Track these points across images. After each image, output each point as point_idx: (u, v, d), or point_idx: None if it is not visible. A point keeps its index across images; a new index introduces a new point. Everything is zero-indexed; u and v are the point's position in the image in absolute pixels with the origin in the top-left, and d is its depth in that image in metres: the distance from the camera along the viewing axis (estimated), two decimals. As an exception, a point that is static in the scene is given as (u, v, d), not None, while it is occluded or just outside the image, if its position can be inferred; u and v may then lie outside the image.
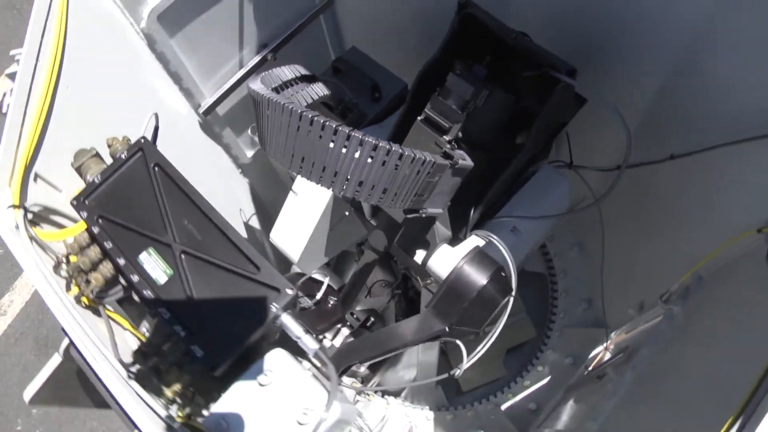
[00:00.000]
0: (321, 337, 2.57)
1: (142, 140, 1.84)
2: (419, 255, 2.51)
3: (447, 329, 2.19)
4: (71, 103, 2.09)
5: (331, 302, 2.70)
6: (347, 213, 2.74)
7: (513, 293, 2.16)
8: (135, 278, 1.69)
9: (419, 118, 2.03)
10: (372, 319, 3.05)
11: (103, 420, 4.20)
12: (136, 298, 1.75)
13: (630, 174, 2.64)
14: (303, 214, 2.58)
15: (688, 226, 2.48)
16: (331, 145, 1.39)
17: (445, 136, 1.98)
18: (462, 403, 3.45)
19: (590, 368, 2.89)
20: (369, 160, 1.40)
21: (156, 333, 1.68)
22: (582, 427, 2.42)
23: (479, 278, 2.13)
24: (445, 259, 2.33)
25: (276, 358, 1.65)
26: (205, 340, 1.61)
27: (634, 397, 2.32)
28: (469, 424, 3.36)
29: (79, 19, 2.07)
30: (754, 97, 2.06)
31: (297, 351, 1.73)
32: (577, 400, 2.96)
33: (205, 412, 1.77)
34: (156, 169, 1.82)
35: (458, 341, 2.42)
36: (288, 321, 1.65)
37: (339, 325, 2.82)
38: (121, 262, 1.71)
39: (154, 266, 1.71)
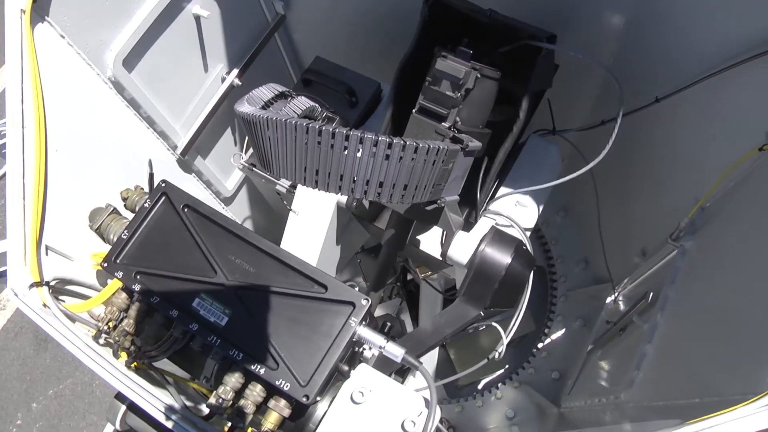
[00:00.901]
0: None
1: (163, 184, 1.75)
2: (427, 247, 2.51)
3: (482, 313, 2.19)
4: (62, 166, 2.00)
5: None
6: (350, 222, 2.72)
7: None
8: (194, 327, 1.60)
9: (414, 110, 2.02)
10: (389, 324, 3.00)
11: (102, 414, 4.21)
12: (195, 347, 1.65)
13: (612, 127, 2.73)
14: (308, 232, 2.52)
15: (683, 165, 2.57)
16: (345, 151, 1.37)
17: (443, 123, 1.98)
18: (487, 387, 3.46)
19: (612, 322, 2.94)
20: (385, 159, 1.38)
21: (226, 376, 1.59)
22: (626, 379, 2.46)
23: (504, 257, 2.14)
24: (465, 246, 2.33)
25: (363, 374, 1.60)
26: (288, 372, 1.53)
27: (672, 338, 2.38)
28: (499, 407, 3.38)
29: (51, 79, 1.98)
30: (717, 29, 2.15)
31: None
32: (603, 357, 3.01)
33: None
34: (186, 210, 1.73)
35: (495, 323, 2.44)
36: (365, 333, 1.60)
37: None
38: (174, 314, 1.61)
39: (211, 310, 1.62)
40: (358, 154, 1.39)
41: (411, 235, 2.43)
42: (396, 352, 1.60)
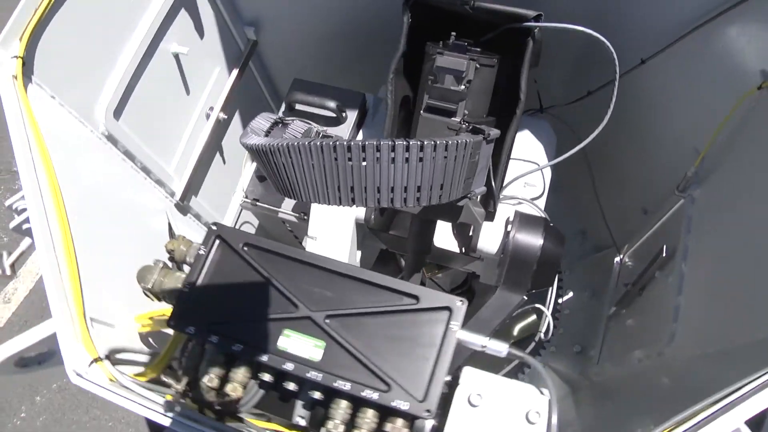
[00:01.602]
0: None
1: (215, 227, 1.65)
2: (444, 244, 2.50)
3: (525, 297, 2.21)
4: (82, 232, 1.86)
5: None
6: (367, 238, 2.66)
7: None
8: (289, 367, 1.51)
9: (422, 110, 2.01)
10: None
11: (105, 408, 4.17)
12: (290, 387, 1.56)
13: (598, 97, 2.79)
14: (330, 256, 2.45)
15: (676, 120, 2.64)
16: (378, 162, 1.34)
17: (454, 118, 1.99)
18: (513, 373, 3.45)
19: (630, 284, 2.98)
20: (419, 162, 1.36)
21: (331, 410, 1.51)
22: (664, 334, 2.49)
23: (536, 239, 2.17)
24: (492, 236, 2.34)
25: (472, 376, 1.57)
26: (402, 391, 1.47)
27: (705, 284, 2.42)
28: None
29: (53, 143, 1.85)
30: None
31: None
32: (627, 320, 3.05)
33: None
34: (246, 248, 1.64)
35: (539, 306, 2.45)
36: (466, 335, 1.56)
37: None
38: (264, 358, 1.52)
39: (301, 345, 1.53)
40: (393, 163, 1.35)
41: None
42: (500, 348, 1.57)
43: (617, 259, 3.21)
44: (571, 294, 3.50)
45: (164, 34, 2.33)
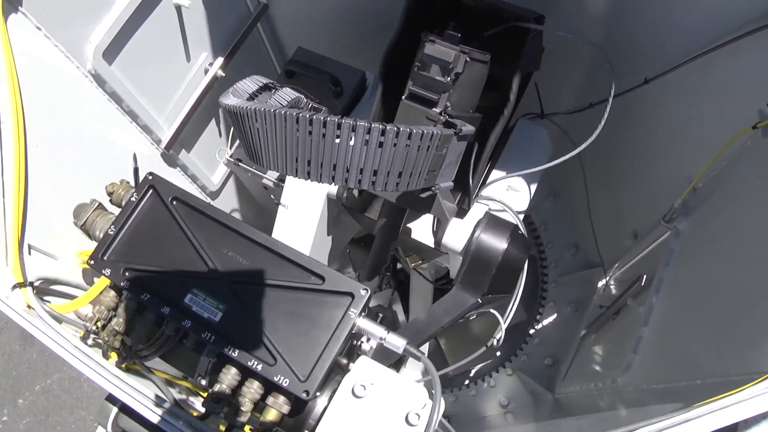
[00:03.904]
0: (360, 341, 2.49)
1: (150, 177, 1.69)
2: (419, 236, 2.48)
3: (480, 300, 2.17)
4: (44, 162, 1.91)
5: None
6: (341, 214, 2.67)
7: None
8: (187, 324, 1.54)
9: (404, 97, 1.98)
10: (381, 315, 2.96)
11: (91, 409, 4.17)
12: (189, 344, 1.59)
13: (600, 109, 2.69)
14: (298, 226, 2.46)
15: (674, 146, 2.55)
16: (337, 140, 1.32)
17: (434, 109, 1.95)
18: (480, 376, 3.44)
19: (606, 306, 2.92)
20: (378, 146, 1.34)
21: (222, 374, 1.54)
22: (623, 362, 2.44)
23: (500, 242, 2.12)
24: (459, 233, 2.30)
25: (364, 367, 1.56)
26: (286, 367, 1.49)
27: (669, 320, 2.36)
28: (493, 395, 3.35)
29: (28, 73, 1.88)
30: (706, 6, 2.13)
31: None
32: (597, 342, 3.00)
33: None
34: (174, 202, 1.67)
35: (493, 310, 2.41)
36: (365, 324, 1.56)
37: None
38: (166, 311, 1.56)
39: (204, 305, 1.56)
40: (351, 143, 1.34)
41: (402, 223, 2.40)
42: (397, 343, 1.56)
43: (603, 281, 3.14)
44: (553, 306, 3.45)
45: (166, -18, 2.35)
